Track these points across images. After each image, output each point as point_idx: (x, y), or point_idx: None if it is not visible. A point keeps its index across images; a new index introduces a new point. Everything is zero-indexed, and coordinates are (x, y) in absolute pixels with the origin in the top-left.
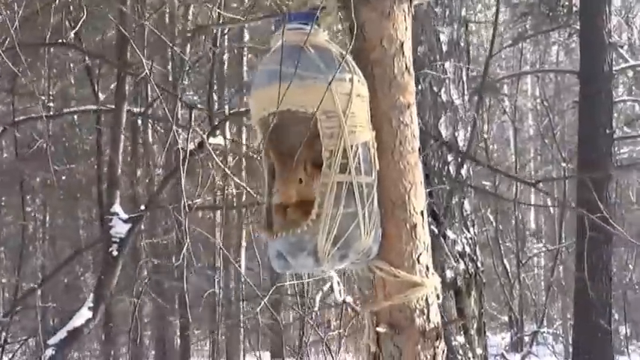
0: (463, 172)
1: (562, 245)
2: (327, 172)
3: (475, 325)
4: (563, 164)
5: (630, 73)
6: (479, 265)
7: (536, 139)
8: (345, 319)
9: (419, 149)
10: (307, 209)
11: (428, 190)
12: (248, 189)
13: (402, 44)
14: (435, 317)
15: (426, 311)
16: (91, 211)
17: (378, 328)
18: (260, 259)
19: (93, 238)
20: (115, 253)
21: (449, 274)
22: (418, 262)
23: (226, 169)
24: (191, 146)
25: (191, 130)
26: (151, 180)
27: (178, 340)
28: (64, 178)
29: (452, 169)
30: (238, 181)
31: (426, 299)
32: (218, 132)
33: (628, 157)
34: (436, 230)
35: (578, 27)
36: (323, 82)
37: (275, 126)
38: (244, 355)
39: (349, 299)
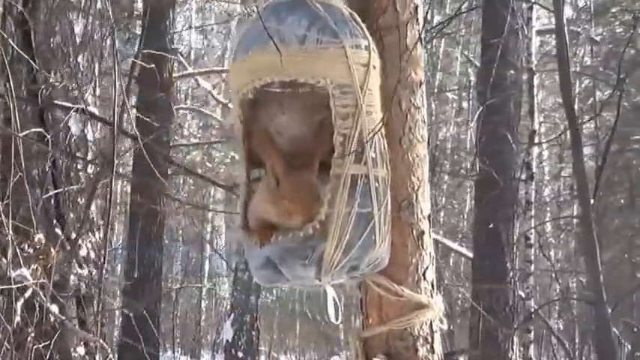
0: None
1: None
2: (339, 163)
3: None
4: None
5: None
6: (104, 271)
7: None
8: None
9: (428, 139)
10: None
11: (55, 192)
12: None
13: (417, 8)
14: (439, 347)
15: (430, 339)
16: None
17: (374, 359)
18: None
19: None
20: None
21: (72, 279)
22: (424, 278)
23: None
24: None
25: None
26: None
27: None
28: None
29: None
30: None
31: (430, 325)
32: None
33: None
34: (61, 234)
35: None
36: (338, 48)
37: (262, 107)
38: None
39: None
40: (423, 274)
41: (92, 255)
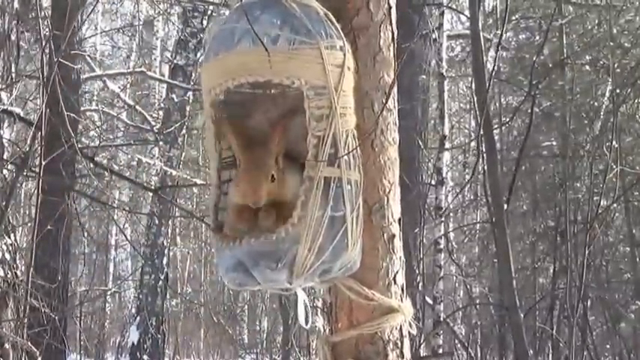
0: None
1: None
2: (313, 165)
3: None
4: None
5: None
6: (18, 273)
7: None
8: None
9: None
10: (281, 213)
11: None
12: None
13: (390, 9)
14: (408, 352)
15: (399, 344)
16: None
17: None
18: None
19: None
20: None
21: None
22: (394, 282)
23: None
24: None
25: None
26: None
27: None
28: None
29: None
30: None
31: (400, 329)
32: None
33: None
34: None
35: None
36: (313, 49)
37: (234, 106)
38: None
39: None
40: (394, 278)
41: (7, 257)
